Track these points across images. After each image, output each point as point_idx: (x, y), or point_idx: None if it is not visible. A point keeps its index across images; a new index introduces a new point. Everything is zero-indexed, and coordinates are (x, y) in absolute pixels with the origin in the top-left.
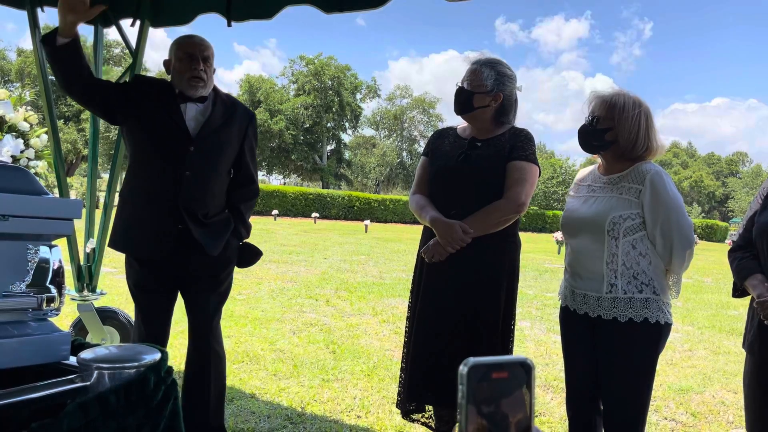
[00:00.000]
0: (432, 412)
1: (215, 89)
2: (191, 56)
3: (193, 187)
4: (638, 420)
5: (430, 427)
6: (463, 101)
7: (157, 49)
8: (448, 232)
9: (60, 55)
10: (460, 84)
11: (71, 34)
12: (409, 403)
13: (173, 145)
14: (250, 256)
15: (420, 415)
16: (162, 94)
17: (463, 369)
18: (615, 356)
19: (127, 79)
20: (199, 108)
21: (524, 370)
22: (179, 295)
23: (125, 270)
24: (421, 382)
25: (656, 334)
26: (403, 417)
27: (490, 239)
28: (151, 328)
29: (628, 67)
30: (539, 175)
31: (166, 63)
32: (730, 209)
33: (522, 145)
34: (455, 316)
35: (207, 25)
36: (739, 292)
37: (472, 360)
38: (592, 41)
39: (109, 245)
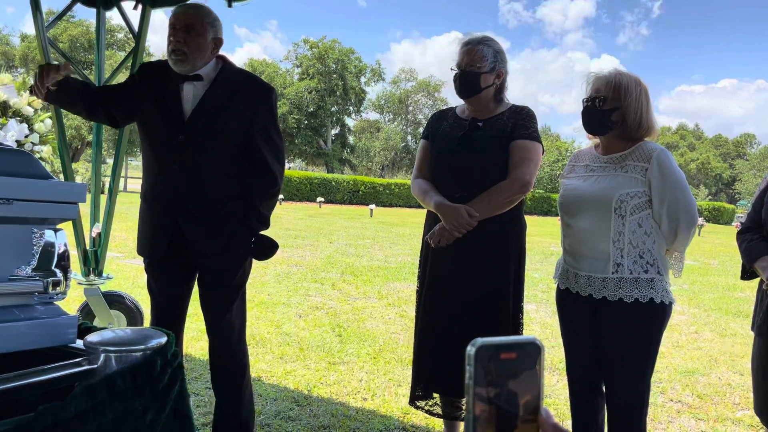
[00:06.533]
0: (438, 398)
1: (224, 63)
2: (172, 26)
3: (184, 181)
4: (642, 400)
5: (437, 415)
6: (470, 84)
7: (157, 32)
8: (454, 216)
9: (52, 99)
10: (461, 68)
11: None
12: (417, 390)
13: (163, 133)
14: (265, 248)
15: (424, 402)
16: (162, 78)
17: (470, 349)
18: (620, 337)
19: (130, 64)
20: (197, 87)
21: (533, 350)
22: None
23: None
24: (431, 371)
25: (661, 314)
26: (412, 405)
27: (495, 222)
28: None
29: (635, 47)
30: (543, 152)
31: None
32: (738, 191)
33: (524, 123)
34: (463, 301)
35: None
36: (748, 274)
37: (480, 340)
38: (598, 20)
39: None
